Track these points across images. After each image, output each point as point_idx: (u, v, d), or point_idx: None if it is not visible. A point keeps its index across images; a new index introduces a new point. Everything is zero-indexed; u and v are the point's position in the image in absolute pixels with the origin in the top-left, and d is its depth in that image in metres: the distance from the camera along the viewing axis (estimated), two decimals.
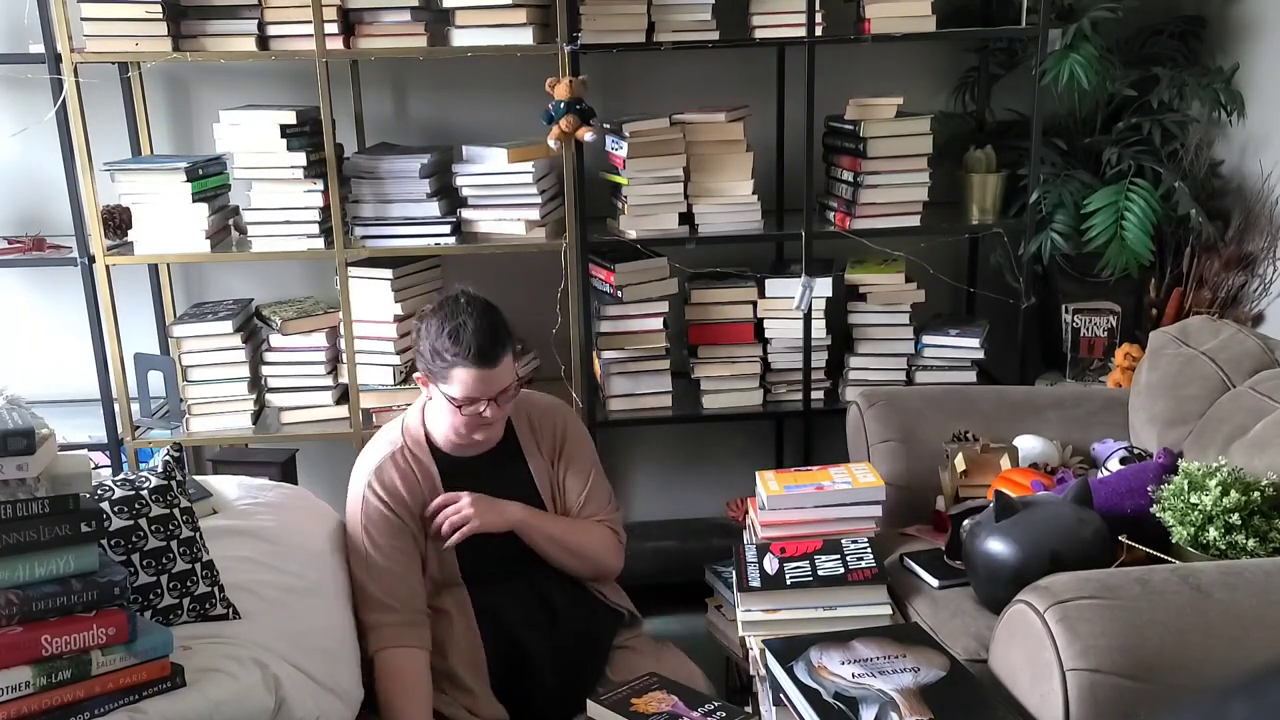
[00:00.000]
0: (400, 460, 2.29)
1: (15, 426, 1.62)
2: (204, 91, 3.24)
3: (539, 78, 2.87)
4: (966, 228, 3.21)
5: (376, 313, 3.04)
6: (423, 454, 2.30)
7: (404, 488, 2.27)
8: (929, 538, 2.39)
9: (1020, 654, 1.74)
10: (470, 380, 2.17)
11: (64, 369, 3.28)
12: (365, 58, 3.06)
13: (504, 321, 2.25)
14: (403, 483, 2.27)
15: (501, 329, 2.22)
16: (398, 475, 2.27)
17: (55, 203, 3.09)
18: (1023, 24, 3.01)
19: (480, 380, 2.18)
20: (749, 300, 3.14)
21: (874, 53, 3.15)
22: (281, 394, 3.12)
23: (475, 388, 2.18)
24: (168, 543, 1.93)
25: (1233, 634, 1.66)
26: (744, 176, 3.04)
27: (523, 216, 2.98)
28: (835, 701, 1.68)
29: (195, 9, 2.86)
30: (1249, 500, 1.92)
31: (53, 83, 2.82)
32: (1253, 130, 3.02)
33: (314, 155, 2.93)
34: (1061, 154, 3.12)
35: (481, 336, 2.17)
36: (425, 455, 2.31)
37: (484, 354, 2.16)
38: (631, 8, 2.88)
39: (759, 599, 2.04)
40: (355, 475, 2.32)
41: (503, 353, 2.20)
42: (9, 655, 1.57)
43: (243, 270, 3.35)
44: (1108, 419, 2.62)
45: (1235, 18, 3.09)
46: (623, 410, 3.13)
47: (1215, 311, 2.92)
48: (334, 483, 3.28)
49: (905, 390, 2.94)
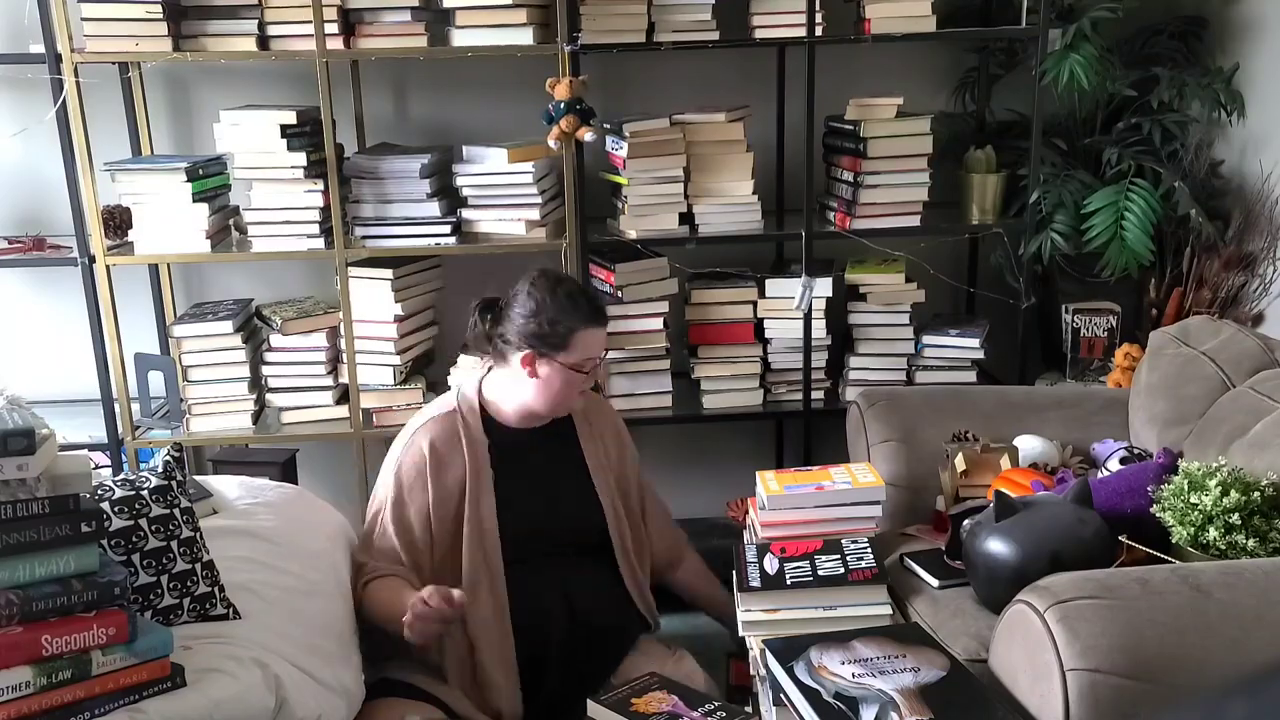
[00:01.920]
0: (450, 424, 2.31)
1: (15, 426, 1.62)
2: (204, 91, 3.24)
3: (539, 78, 2.87)
4: (966, 228, 3.21)
5: (377, 313, 3.04)
6: (474, 419, 2.33)
7: (449, 449, 2.29)
8: (929, 538, 2.39)
9: (1020, 654, 1.74)
10: (593, 340, 2.29)
11: (64, 369, 3.28)
12: (365, 58, 3.07)
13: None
14: (449, 445, 2.29)
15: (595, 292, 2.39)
16: (446, 438, 2.30)
17: (55, 203, 3.09)
18: (1023, 24, 3.01)
19: (601, 338, 2.32)
20: (749, 300, 3.14)
21: (874, 53, 3.15)
22: (282, 394, 3.12)
23: (596, 346, 2.30)
24: (168, 543, 1.93)
25: (1233, 634, 1.66)
26: (744, 176, 3.04)
27: (523, 216, 2.98)
28: (835, 701, 1.68)
29: (195, 9, 2.86)
30: (1249, 500, 1.92)
31: (53, 83, 2.82)
32: (1253, 130, 3.03)
33: (314, 155, 2.93)
34: (1061, 154, 3.12)
35: (591, 297, 2.36)
36: (476, 421, 2.33)
37: (600, 311, 2.32)
38: (631, 8, 2.88)
39: (759, 599, 2.04)
40: (401, 436, 2.36)
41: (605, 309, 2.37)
42: (9, 655, 1.57)
43: (243, 270, 3.35)
44: (1108, 419, 2.62)
45: (1235, 18, 3.10)
46: (623, 410, 3.11)
47: (1215, 311, 2.92)
48: (334, 483, 3.29)
49: (905, 390, 2.94)
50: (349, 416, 3.06)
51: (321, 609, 2.12)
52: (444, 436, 2.30)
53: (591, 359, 2.29)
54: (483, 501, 2.27)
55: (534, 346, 2.26)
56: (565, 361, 2.26)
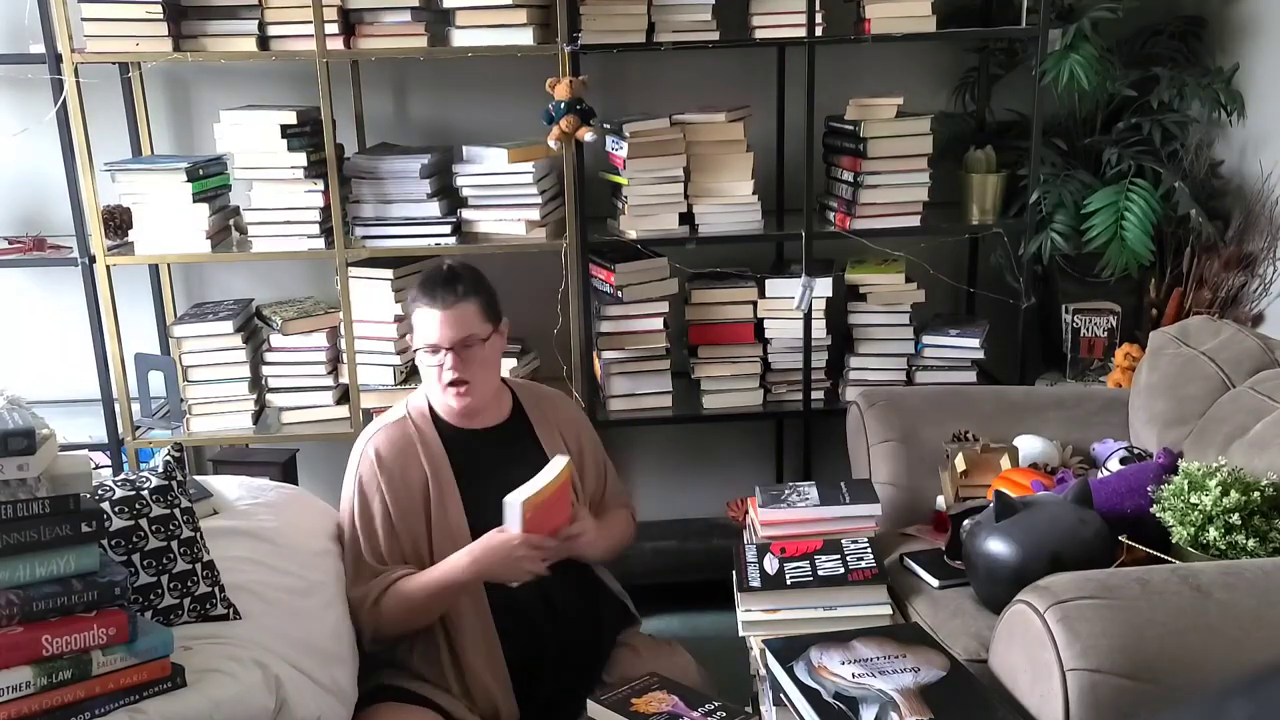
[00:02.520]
0: (401, 431, 2.29)
1: (15, 426, 1.62)
2: (204, 91, 3.24)
3: (539, 78, 2.87)
4: (966, 228, 3.21)
5: (377, 313, 3.04)
6: (425, 425, 2.30)
7: (404, 457, 2.26)
8: (929, 538, 2.39)
9: (1020, 654, 1.74)
10: (427, 321, 2.21)
11: (64, 369, 3.28)
12: (365, 58, 3.07)
13: (480, 280, 2.27)
14: (402, 453, 2.26)
15: (467, 281, 2.24)
16: (398, 446, 2.27)
17: (56, 203, 3.09)
18: (1023, 24, 3.01)
19: (436, 322, 2.20)
20: (749, 300, 3.14)
21: (874, 53, 3.15)
22: (282, 394, 3.12)
23: (431, 329, 2.20)
24: (168, 543, 1.93)
25: (1233, 634, 1.66)
26: (744, 176, 3.04)
27: (523, 216, 2.98)
28: (835, 701, 1.68)
29: (195, 9, 2.86)
30: (1249, 500, 1.92)
31: (53, 83, 2.83)
32: (1253, 130, 3.03)
33: (314, 155, 2.93)
34: (1061, 154, 3.12)
35: (443, 282, 2.22)
36: (428, 426, 2.30)
37: (441, 296, 2.20)
38: (631, 8, 2.88)
39: (759, 599, 2.04)
40: (354, 451, 2.33)
41: (460, 297, 2.21)
42: (9, 655, 1.57)
43: (243, 270, 3.35)
44: (1108, 419, 2.62)
45: (1235, 18, 3.10)
46: (623, 410, 3.13)
47: (1215, 311, 2.92)
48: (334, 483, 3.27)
49: (905, 390, 2.94)
50: (349, 416, 3.06)
51: (321, 609, 2.12)
52: (395, 443, 2.27)
53: (434, 345, 2.22)
54: (449, 505, 2.25)
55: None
56: (413, 345, 2.28)
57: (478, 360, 2.24)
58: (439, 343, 2.22)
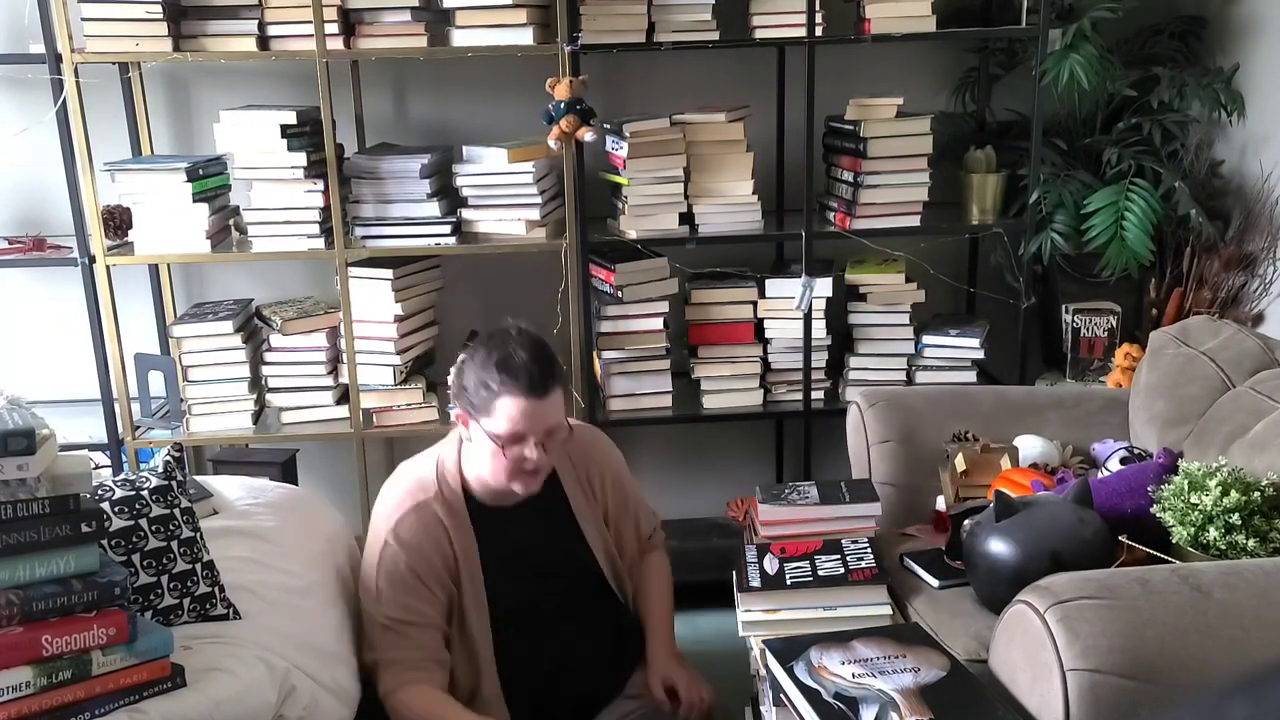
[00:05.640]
0: (429, 512, 2.09)
1: (15, 426, 1.62)
2: (204, 91, 3.24)
3: (539, 78, 2.87)
4: (966, 228, 3.21)
5: (377, 313, 3.04)
6: (457, 504, 2.10)
7: (429, 542, 2.07)
8: (929, 538, 2.39)
9: (1020, 654, 1.74)
10: (518, 412, 1.98)
11: (64, 369, 3.29)
12: (365, 58, 3.07)
13: (556, 357, 2.07)
14: (428, 538, 2.07)
15: (555, 363, 2.04)
16: (423, 529, 2.08)
17: (55, 203, 3.09)
18: (1023, 24, 3.01)
19: (528, 413, 1.99)
20: (749, 300, 3.14)
21: (874, 53, 3.15)
22: (282, 394, 3.12)
23: (522, 421, 1.99)
24: (168, 543, 1.93)
25: (1233, 634, 1.66)
26: (744, 176, 3.04)
27: (523, 216, 2.98)
28: (835, 701, 1.68)
29: (195, 9, 2.86)
30: (1249, 500, 1.92)
31: (53, 83, 2.83)
32: (1253, 130, 3.03)
33: (314, 155, 2.93)
34: (1061, 154, 3.12)
35: (533, 365, 1.99)
36: (460, 506, 2.11)
37: (534, 383, 1.98)
38: (631, 8, 2.88)
39: (759, 599, 2.04)
40: (377, 516, 2.14)
41: (554, 385, 2.02)
42: (9, 655, 1.57)
43: (243, 270, 3.35)
44: (1108, 419, 2.62)
45: (1235, 18, 3.10)
46: (623, 410, 3.13)
47: (1215, 311, 2.92)
48: (335, 483, 3.29)
49: (905, 390, 2.94)
50: (349, 416, 3.06)
51: (321, 609, 2.12)
52: (415, 535, 2.07)
53: (520, 434, 2.00)
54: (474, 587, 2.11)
55: (466, 405, 2.05)
56: (489, 430, 2.01)
57: (555, 447, 2.08)
58: (528, 433, 2.01)
